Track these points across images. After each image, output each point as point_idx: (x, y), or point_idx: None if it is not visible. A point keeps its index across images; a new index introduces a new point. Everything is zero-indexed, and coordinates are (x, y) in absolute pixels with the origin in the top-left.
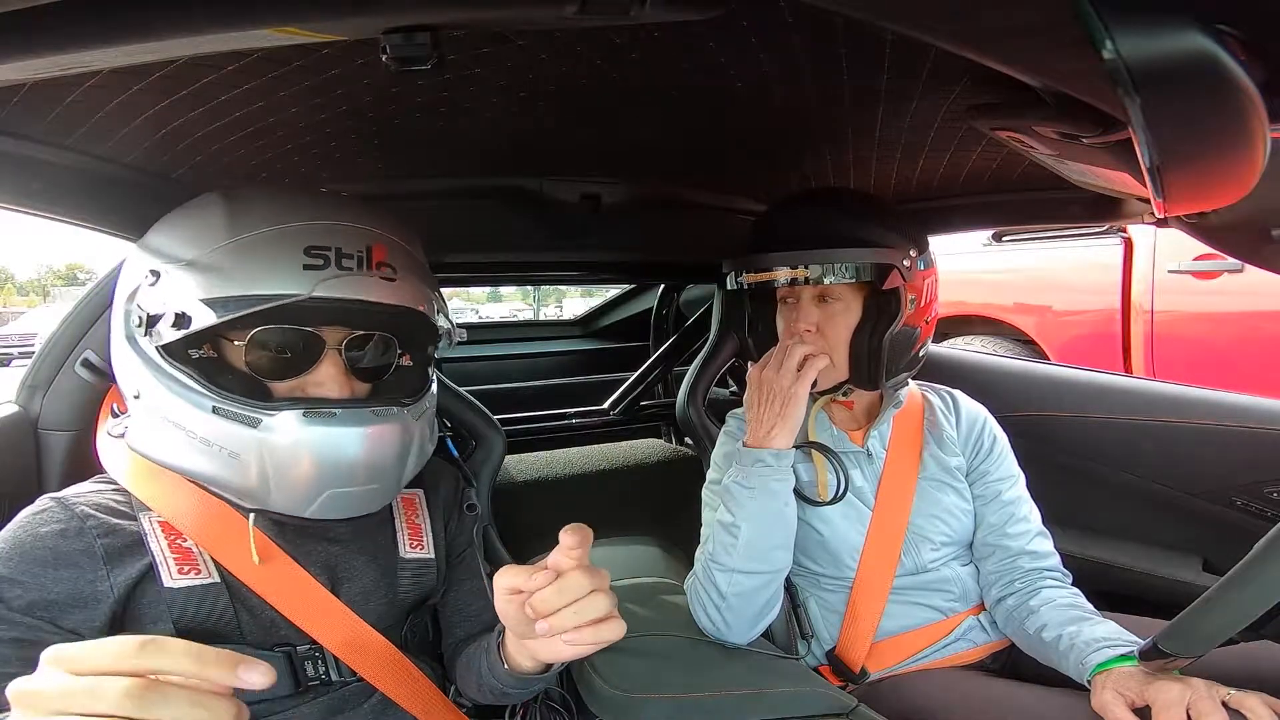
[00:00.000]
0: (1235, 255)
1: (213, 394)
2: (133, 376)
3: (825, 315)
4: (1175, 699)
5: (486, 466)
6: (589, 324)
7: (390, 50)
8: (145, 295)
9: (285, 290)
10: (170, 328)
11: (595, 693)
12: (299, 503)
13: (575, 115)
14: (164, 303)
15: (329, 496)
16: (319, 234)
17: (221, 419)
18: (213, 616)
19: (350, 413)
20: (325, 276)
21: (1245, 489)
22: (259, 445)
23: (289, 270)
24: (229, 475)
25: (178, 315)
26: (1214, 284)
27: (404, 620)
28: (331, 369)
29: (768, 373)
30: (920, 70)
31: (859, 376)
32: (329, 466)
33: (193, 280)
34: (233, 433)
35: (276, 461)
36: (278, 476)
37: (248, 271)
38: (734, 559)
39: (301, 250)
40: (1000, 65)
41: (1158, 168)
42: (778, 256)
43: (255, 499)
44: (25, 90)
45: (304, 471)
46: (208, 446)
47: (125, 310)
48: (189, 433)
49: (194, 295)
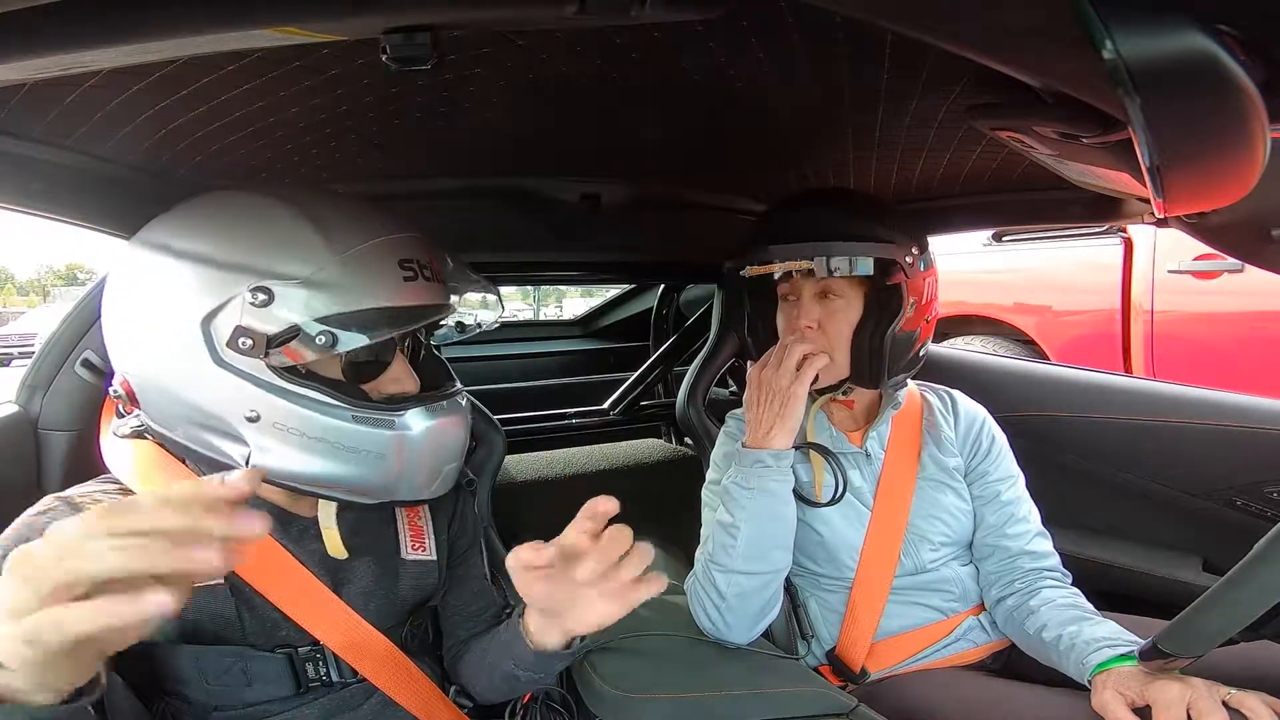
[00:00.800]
0: (1235, 255)
1: (347, 404)
2: (240, 400)
3: (826, 312)
4: (1175, 698)
5: (487, 466)
6: (589, 324)
7: (390, 50)
8: (251, 316)
9: (396, 302)
10: (317, 347)
11: (595, 693)
12: (424, 487)
13: (575, 115)
14: (286, 322)
15: (446, 474)
16: (404, 246)
17: (362, 425)
18: (216, 616)
19: (449, 403)
20: (417, 286)
21: (1245, 489)
22: (399, 443)
23: (394, 283)
24: (374, 475)
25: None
26: (1214, 284)
27: (405, 621)
28: (402, 367)
29: (766, 372)
30: (920, 70)
31: (860, 375)
32: (446, 451)
33: (311, 299)
34: (374, 436)
35: (412, 454)
36: (413, 467)
37: (363, 287)
38: (734, 559)
39: (397, 263)
40: (1000, 65)
41: (1158, 168)
42: (779, 249)
43: (386, 492)
44: (25, 90)
45: (433, 459)
46: (353, 452)
47: (204, 332)
48: (333, 444)
49: (318, 313)
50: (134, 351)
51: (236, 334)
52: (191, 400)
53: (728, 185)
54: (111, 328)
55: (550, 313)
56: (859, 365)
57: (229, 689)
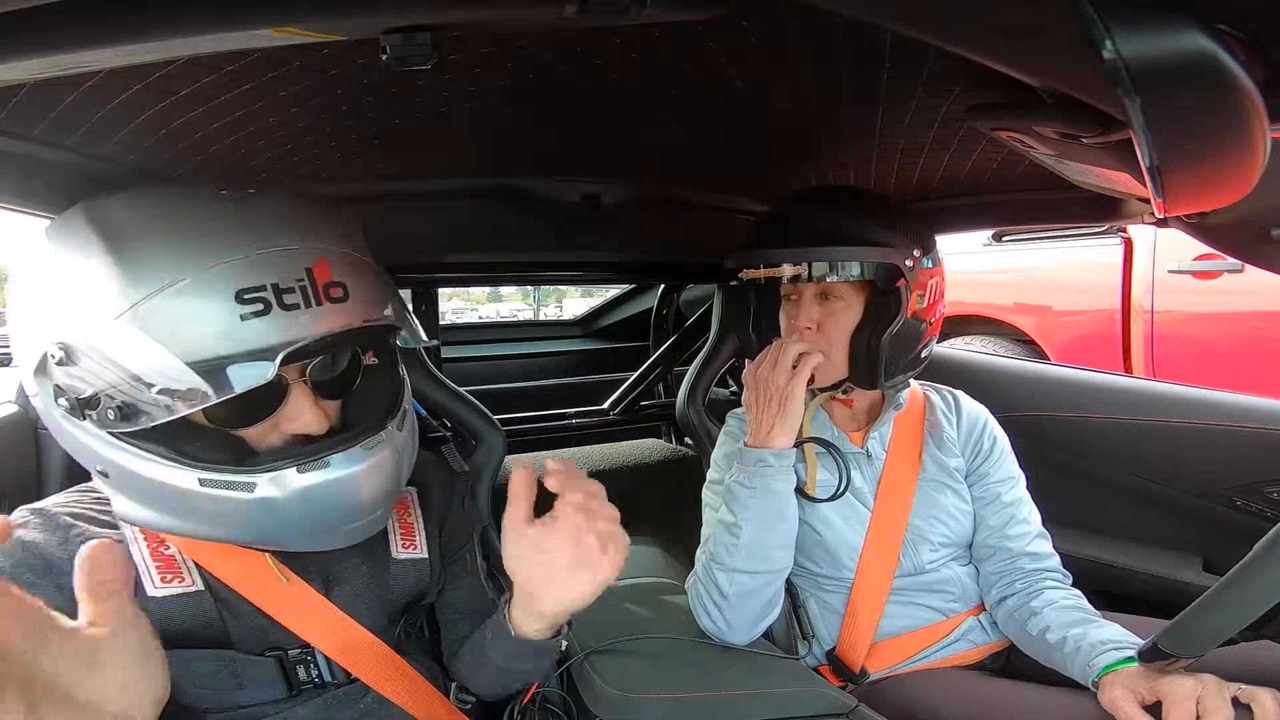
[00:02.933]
0: (1235, 255)
1: (193, 466)
2: (90, 456)
3: (826, 313)
4: (1187, 693)
5: (487, 466)
6: (589, 324)
7: (390, 50)
8: (59, 373)
9: (220, 351)
10: (116, 419)
11: (595, 693)
12: (315, 543)
13: (575, 115)
14: (89, 384)
15: (345, 533)
16: (247, 271)
17: (211, 489)
18: (199, 624)
19: (342, 456)
20: (268, 321)
21: (1245, 489)
22: (261, 507)
23: (225, 326)
24: (239, 534)
25: (122, 407)
26: (1214, 284)
27: (398, 619)
28: (302, 401)
29: (763, 372)
30: (920, 70)
31: (858, 375)
32: (335, 511)
33: (113, 354)
34: (230, 499)
35: (281, 518)
36: (287, 528)
37: (179, 337)
38: (736, 558)
39: (232, 297)
40: (1000, 65)
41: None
42: (781, 253)
43: (272, 545)
44: (25, 90)
45: (313, 520)
46: (212, 515)
47: (40, 385)
48: (182, 504)
49: (123, 373)
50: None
51: (56, 393)
52: (64, 444)
53: (728, 185)
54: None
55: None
56: (857, 365)
57: (220, 692)
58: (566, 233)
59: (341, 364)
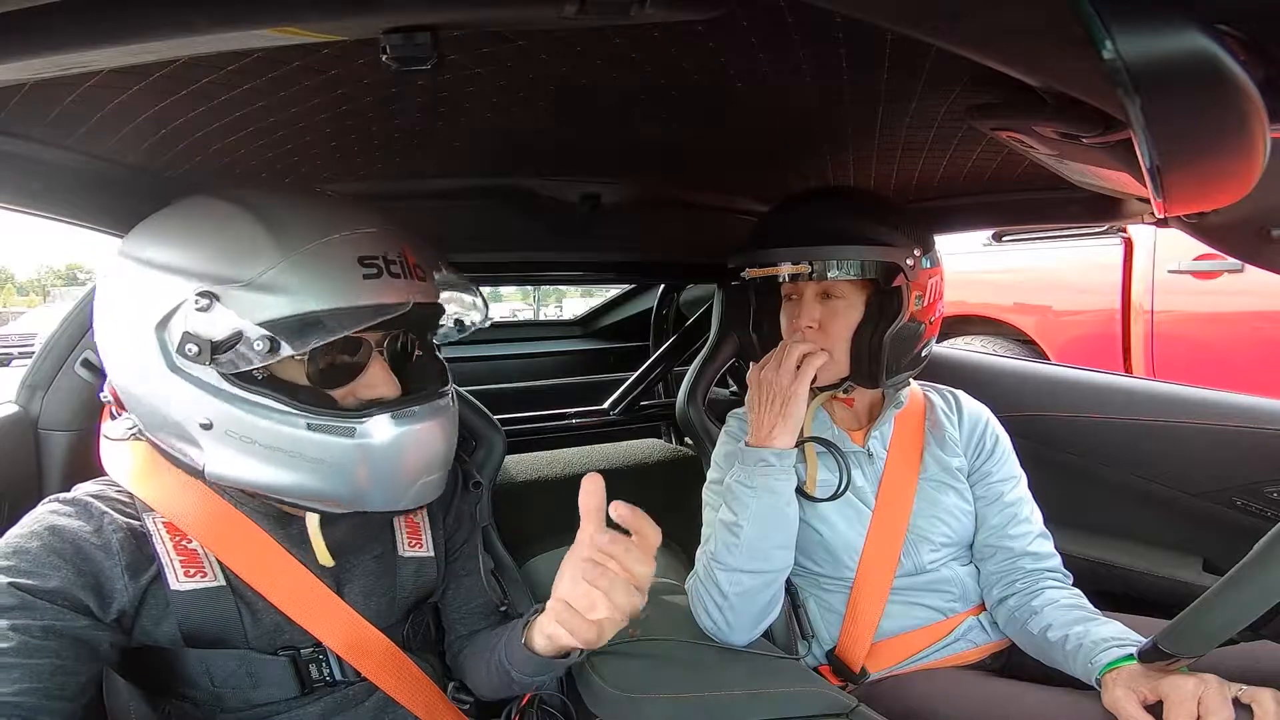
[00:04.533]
0: (1235, 255)
1: (303, 412)
2: (194, 407)
3: (827, 312)
4: (1189, 693)
5: (487, 466)
6: (589, 324)
7: (390, 50)
8: (196, 321)
9: (351, 302)
10: (257, 352)
11: (595, 693)
12: (396, 498)
13: (575, 115)
14: (230, 327)
15: (421, 486)
16: (365, 242)
17: (318, 434)
18: (218, 620)
19: (424, 409)
20: (382, 284)
21: (1245, 489)
22: (358, 452)
23: (351, 282)
24: (336, 485)
25: (268, 340)
26: (1214, 284)
27: (405, 619)
28: (380, 371)
29: (767, 373)
30: (920, 70)
31: (860, 374)
32: (419, 461)
33: (257, 301)
34: (331, 445)
35: (376, 465)
36: (378, 478)
37: (314, 287)
38: (736, 558)
39: (355, 260)
40: (1000, 65)
41: (1158, 168)
42: (783, 252)
43: (354, 503)
44: (25, 90)
45: (400, 469)
46: (312, 462)
47: (158, 339)
48: (287, 453)
49: (262, 316)
50: (110, 357)
51: (184, 340)
52: (154, 406)
53: (728, 185)
54: (97, 334)
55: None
56: (859, 364)
57: (235, 691)
58: (566, 233)
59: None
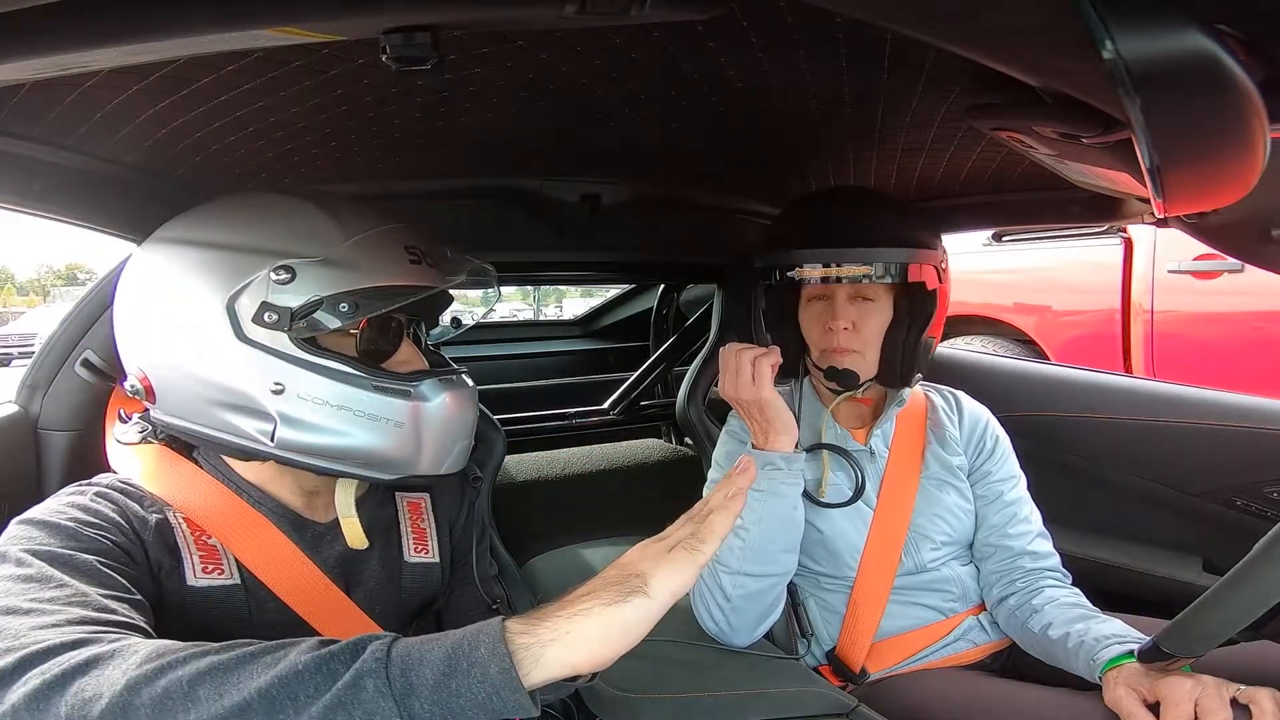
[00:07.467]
0: (1235, 255)
1: (368, 374)
2: (265, 372)
3: (860, 314)
4: (1186, 694)
5: (487, 466)
6: (589, 324)
7: (390, 50)
8: (276, 292)
9: (407, 282)
10: (340, 315)
11: (596, 693)
12: (440, 460)
13: (575, 115)
14: (306, 296)
15: (459, 450)
16: (407, 234)
17: (382, 395)
18: (229, 618)
19: (459, 378)
20: (421, 269)
21: (1245, 489)
22: (415, 412)
23: (402, 265)
24: (393, 444)
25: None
26: (1214, 284)
27: (409, 624)
28: (409, 349)
29: (728, 390)
30: (920, 70)
31: (889, 375)
32: (459, 423)
33: (330, 276)
34: (394, 404)
35: (428, 424)
36: (429, 437)
37: (377, 267)
38: (740, 561)
39: (403, 248)
40: (1000, 65)
41: (1158, 168)
42: (828, 253)
43: (405, 465)
44: (25, 90)
45: (447, 430)
46: (374, 420)
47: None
48: (354, 412)
49: (335, 288)
50: (155, 343)
51: (262, 309)
52: (216, 380)
53: (728, 185)
54: (128, 325)
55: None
56: (889, 365)
57: None
58: (566, 233)
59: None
